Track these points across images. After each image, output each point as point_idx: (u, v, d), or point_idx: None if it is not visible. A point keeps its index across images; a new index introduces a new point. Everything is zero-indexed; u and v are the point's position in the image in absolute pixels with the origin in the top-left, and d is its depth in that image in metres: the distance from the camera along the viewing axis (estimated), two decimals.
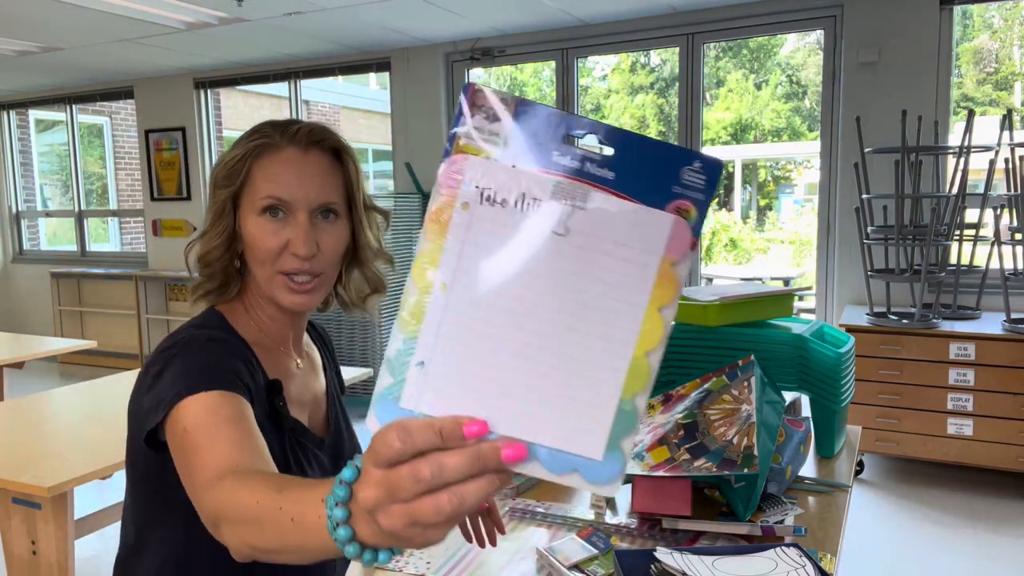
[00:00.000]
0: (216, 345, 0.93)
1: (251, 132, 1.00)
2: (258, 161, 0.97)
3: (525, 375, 0.46)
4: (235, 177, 0.97)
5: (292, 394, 1.04)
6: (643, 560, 1.10)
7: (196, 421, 0.81)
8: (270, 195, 0.95)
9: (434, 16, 4.36)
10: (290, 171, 0.96)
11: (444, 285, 0.47)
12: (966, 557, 2.91)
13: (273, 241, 0.95)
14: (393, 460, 0.45)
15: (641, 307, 0.47)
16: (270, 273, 0.97)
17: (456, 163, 0.47)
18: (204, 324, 0.99)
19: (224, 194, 0.97)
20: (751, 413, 1.31)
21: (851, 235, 4.00)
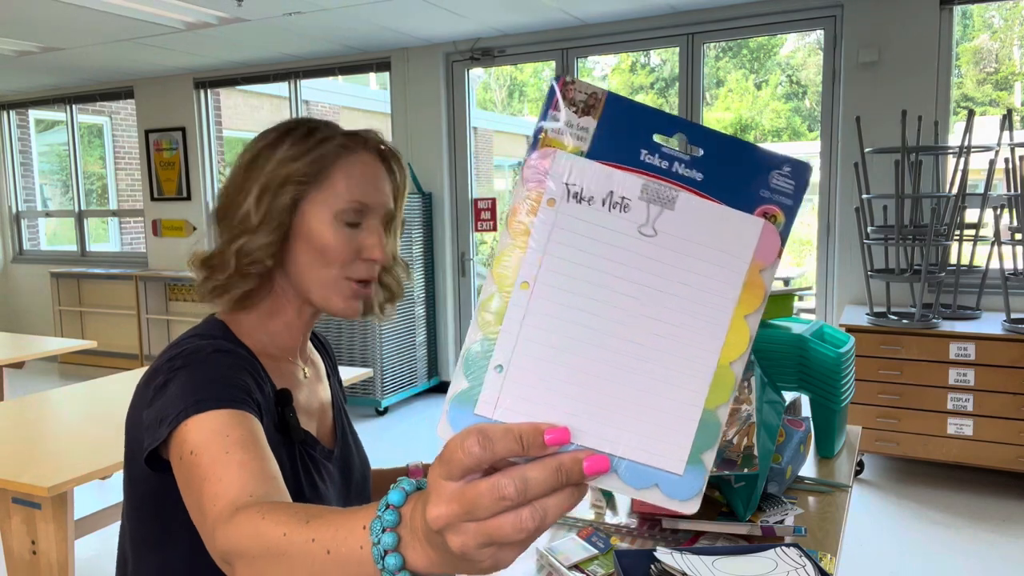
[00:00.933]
0: (223, 357, 0.87)
1: (307, 129, 0.94)
2: (339, 162, 0.93)
3: (606, 383, 0.44)
4: (314, 175, 0.91)
5: (301, 404, 1.00)
6: (643, 560, 1.10)
7: (204, 443, 0.75)
8: (356, 199, 0.92)
9: (434, 16, 4.36)
10: (368, 176, 0.94)
11: (526, 285, 0.44)
12: (966, 557, 2.91)
13: (348, 246, 0.92)
14: (471, 469, 0.41)
15: (727, 313, 0.45)
16: (335, 277, 0.93)
17: (544, 157, 0.45)
18: (208, 334, 0.93)
19: (293, 191, 0.91)
20: (751, 413, 1.31)
21: (851, 235, 4.00)
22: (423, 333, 5.26)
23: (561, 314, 0.44)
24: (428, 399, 5.24)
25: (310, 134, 0.93)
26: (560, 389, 0.44)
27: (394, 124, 5.32)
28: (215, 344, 0.89)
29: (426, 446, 4.34)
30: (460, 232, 5.30)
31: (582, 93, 0.46)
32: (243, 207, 0.91)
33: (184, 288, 6.35)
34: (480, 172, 11.41)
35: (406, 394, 5.11)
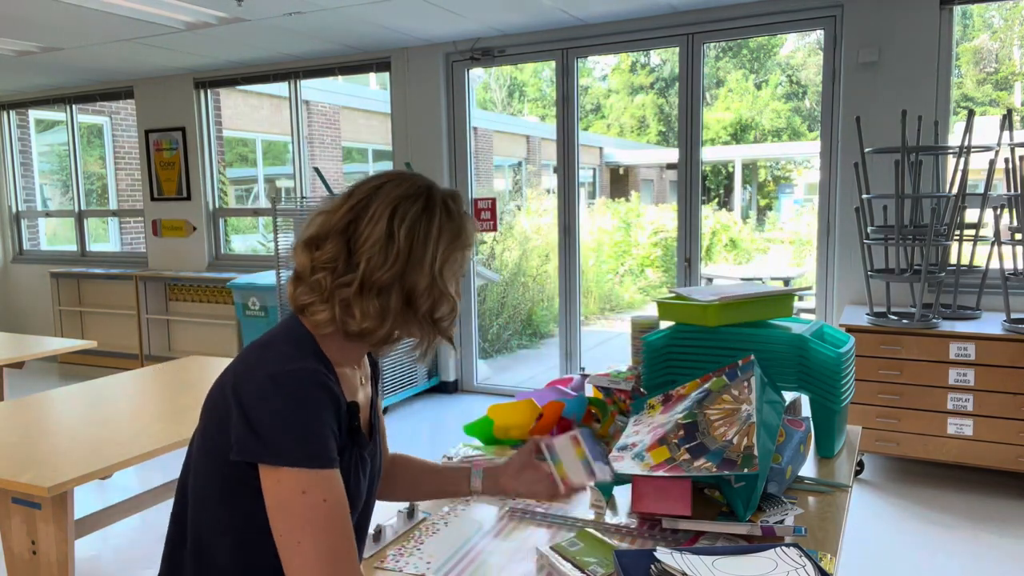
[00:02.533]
0: (321, 394, 0.99)
1: (448, 209, 1.08)
2: (471, 230, 1.12)
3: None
4: (465, 241, 1.10)
5: (359, 406, 1.12)
6: (643, 560, 1.10)
7: (335, 502, 0.97)
8: (466, 264, 1.13)
9: (434, 16, 4.36)
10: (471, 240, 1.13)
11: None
12: (966, 557, 2.91)
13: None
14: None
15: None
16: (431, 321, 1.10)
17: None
18: (299, 345, 1.04)
19: (456, 250, 1.08)
20: (751, 413, 1.31)
21: (851, 235, 4.00)
22: None
23: None
24: (428, 399, 5.24)
25: (448, 210, 1.07)
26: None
27: (394, 124, 5.33)
28: (314, 372, 0.99)
29: (426, 446, 4.34)
30: None
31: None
32: (421, 280, 1.05)
33: (184, 288, 6.36)
34: (480, 172, 11.42)
35: (406, 394, 5.11)
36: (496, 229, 5.44)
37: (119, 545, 3.18)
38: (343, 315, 1.03)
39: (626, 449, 1.36)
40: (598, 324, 9.21)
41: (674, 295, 1.80)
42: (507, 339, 7.79)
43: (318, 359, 1.03)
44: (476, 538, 1.34)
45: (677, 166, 4.67)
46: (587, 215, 11.80)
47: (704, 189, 10.66)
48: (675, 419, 1.36)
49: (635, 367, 1.89)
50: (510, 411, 1.68)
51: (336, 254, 1.02)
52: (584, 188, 14.82)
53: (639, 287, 10.60)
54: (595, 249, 10.59)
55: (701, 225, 4.68)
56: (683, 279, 4.69)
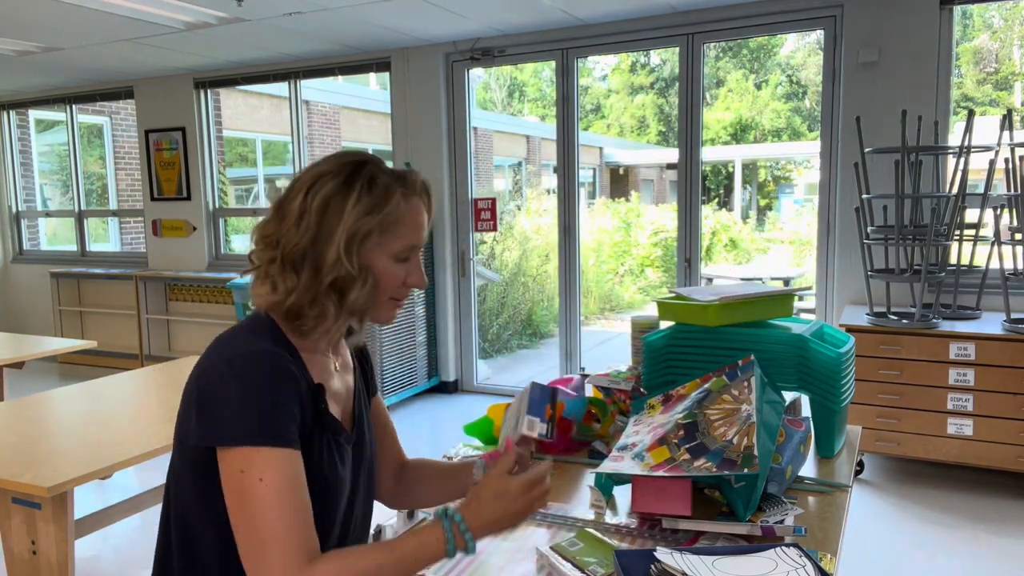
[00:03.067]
0: (277, 373, 0.99)
1: (374, 182, 1.06)
2: (403, 213, 1.08)
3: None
4: (387, 227, 1.06)
5: (331, 391, 1.12)
6: (643, 560, 1.10)
7: (275, 481, 0.94)
8: (412, 244, 1.09)
9: (434, 16, 4.36)
10: (420, 220, 1.11)
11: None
12: (966, 557, 2.91)
13: (399, 278, 1.10)
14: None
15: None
16: (385, 301, 1.11)
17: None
18: (257, 331, 1.05)
19: (375, 242, 1.06)
20: (751, 413, 1.31)
21: (851, 235, 4.00)
22: (423, 333, 5.26)
23: None
24: (428, 399, 5.24)
25: (373, 183, 1.05)
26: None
27: (394, 124, 5.32)
28: (267, 352, 1.00)
29: (426, 446, 4.34)
30: (460, 232, 5.30)
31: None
32: (329, 253, 1.04)
33: (184, 288, 6.36)
34: (480, 172, 11.42)
35: (406, 394, 5.11)
36: (496, 229, 5.44)
37: (119, 545, 3.18)
38: (270, 292, 1.05)
39: (626, 449, 1.36)
40: (598, 324, 9.21)
41: (674, 295, 1.80)
42: (507, 339, 7.79)
43: (276, 342, 1.04)
44: None
45: (677, 166, 4.67)
46: (587, 215, 11.80)
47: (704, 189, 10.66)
48: (675, 419, 1.36)
49: (635, 367, 1.89)
50: None
51: (269, 232, 1.06)
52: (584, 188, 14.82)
53: (639, 287, 10.60)
54: (595, 249, 10.59)
55: (701, 225, 4.68)
56: (683, 279, 4.69)
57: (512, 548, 1.30)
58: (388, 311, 1.13)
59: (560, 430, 1.75)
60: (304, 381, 1.03)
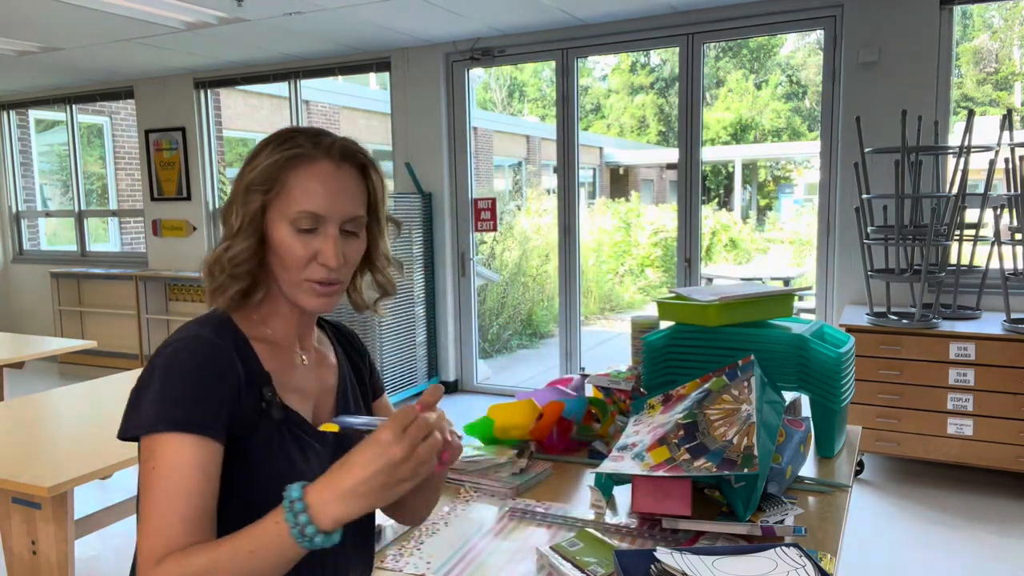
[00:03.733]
0: (202, 358, 0.94)
1: (282, 138, 1.00)
2: (294, 171, 0.98)
3: None
4: (271, 183, 0.98)
5: (292, 385, 1.05)
6: (643, 560, 1.10)
7: (164, 470, 0.88)
8: (306, 210, 0.98)
9: (434, 16, 4.36)
10: (325, 186, 0.99)
11: None
12: (966, 557, 2.91)
13: (303, 251, 0.99)
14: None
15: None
16: (296, 279, 1.00)
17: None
18: (202, 321, 1.01)
19: (258, 199, 0.98)
20: (751, 413, 1.31)
21: (851, 235, 4.00)
22: (423, 333, 5.26)
23: None
24: None
25: (280, 141, 0.99)
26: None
27: (394, 124, 5.32)
28: (200, 338, 0.96)
29: None
30: (460, 232, 5.30)
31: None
32: (231, 213, 1.00)
33: (184, 288, 6.35)
34: (480, 172, 11.41)
35: (406, 394, 5.11)
36: (496, 229, 5.44)
37: (119, 545, 3.18)
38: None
39: (626, 449, 1.36)
40: (598, 324, 9.21)
41: (674, 295, 1.80)
42: (507, 339, 7.79)
43: (220, 331, 0.99)
44: (476, 538, 1.34)
45: (677, 166, 4.67)
46: (587, 215, 11.80)
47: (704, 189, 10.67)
48: (675, 419, 1.36)
49: (635, 367, 1.89)
50: (510, 411, 1.68)
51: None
52: (584, 188, 14.82)
53: (639, 287, 10.60)
54: (595, 249, 10.59)
55: (701, 225, 4.68)
56: (683, 279, 4.69)
57: (512, 548, 1.30)
58: (308, 296, 1.01)
59: (560, 430, 1.75)
60: (246, 370, 0.97)
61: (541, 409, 1.69)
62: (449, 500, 1.50)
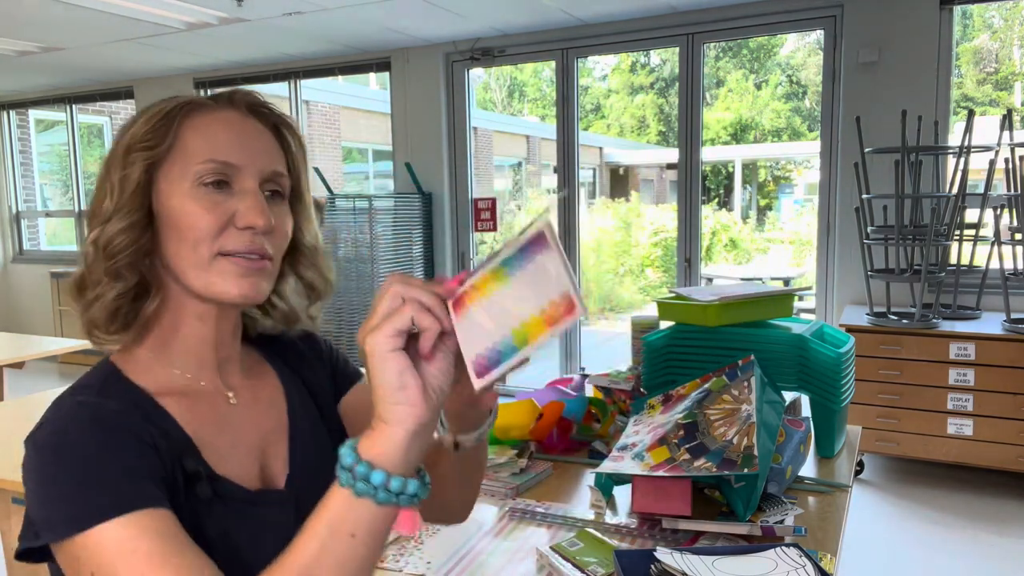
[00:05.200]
0: (101, 432, 0.70)
1: (167, 98, 0.80)
2: (189, 120, 0.77)
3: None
4: (158, 138, 0.75)
5: (225, 439, 0.81)
6: (643, 560, 1.10)
7: (108, 566, 0.64)
8: (213, 158, 0.75)
9: (434, 16, 4.36)
10: (233, 133, 0.78)
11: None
12: (966, 557, 2.91)
13: (212, 216, 0.75)
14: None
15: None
16: (207, 256, 0.75)
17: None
18: (79, 387, 0.77)
19: (141, 159, 0.75)
20: (751, 413, 1.31)
21: (851, 235, 4.00)
22: None
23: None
24: None
25: (169, 99, 0.79)
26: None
27: (394, 124, 5.32)
28: (85, 406, 0.72)
29: None
30: (460, 232, 5.30)
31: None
32: (102, 193, 0.78)
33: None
34: (480, 172, 11.42)
35: None
36: (496, 229, 5.44)
37: None
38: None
39: (626, 449, 1.36)
40: (598, 324, 9.21)
41: (674, 295, 1.80)
42: None
43: (107, 393, 0.75)
44: (476, 538, 1.34)
45: (677, 166, 4.67)
46: (587, 215, 11.80)
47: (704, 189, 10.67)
48: (675, 419, 1.36)
49: (635, 367, 1.89)
50: (510, 411, 1.68)
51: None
52: (584, 188, 14.82)
53: (639, 287, 10.60)
54: (595, 249, 10.60)
55: (701, 225, 4.68)
56: (683, 279, 4.69)
57: (512, 548, 1.30)
58: (227, 279, 0.76)
59: (560, 430, 1.75)
60: (158, 436, 0.73)
61: (541, 409, 1.69)
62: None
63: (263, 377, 0.89)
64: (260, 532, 0.78)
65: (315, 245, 0.88)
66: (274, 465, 0.84)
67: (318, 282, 0.89)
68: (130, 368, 0.79)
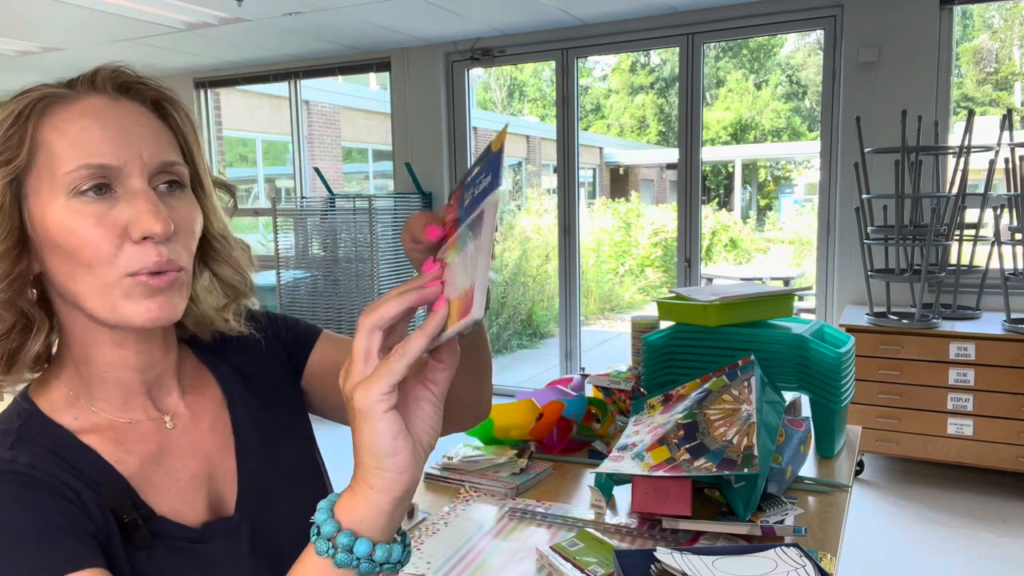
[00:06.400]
0: (21, 498, 0.61)
1: (20, 92, 0.69)
2: (48, 119, 0.66)
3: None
4: (13, 147, 0.64)
5: (164, 473, 0.72)
6: (643, 560, 1.10)
7: None
8: (85, 163, 0.63)
9: (434, 16, 4.36)
10: (103, 126, 0.65)
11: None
12: (966, 557, 2.91)
13: (101, 230, 0.63)
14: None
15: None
16: (107, 280, 0.64)
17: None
18: (1, 435, 0.66)
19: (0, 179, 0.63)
20: (751, 413, 1.31)
21: (851, 235, 4.00)
22: None
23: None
24: None
25: (22, 93, 0.68)
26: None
27: (394, 124, 5.33)
28: (4, 477, 0.62)
29: None
30: None
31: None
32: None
33: None
34: None
35: None
36: (496, 229, 5.43)
37: None
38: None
39: (626, 449, 1.36)
40: (598, 324, 9.21)
41: (674, 295, 1.80)
42: (507, 339, 7.79)
43: (21, 443, 0.65)
44: (476, 538, 1.34)
45: (677, 166, 4.67)
46: (587, 215, 11.81)
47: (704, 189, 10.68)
48: (675, 419, 1.36)
49: (635, 367, 1.89)
50: (510, 411, 1.68)
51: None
52: (584, 188, 14.83)
53: (639, 287, 10.60)
54: (595, 249, 10.60)
55: (701, 225, 4.68)
56: (683, 279, 4.69)
57: (512, 548, 1.30)
58: (136, 303, 0.65)
59: (560, 430, 1.75)
60: (86, 484, 0.65)
61: (541, 409, 1.69)
62: (449, 500, 1.50)
63: (203, 388, 0.79)
64: (208, 568, 0.70)
65: (225, 235, 0.76)
66: (223, 488, 0.75)
67: (234, 278, 0.77)
68: (47, 403, 0.69)
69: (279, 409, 0.83)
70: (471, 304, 0.52)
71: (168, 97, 0.72)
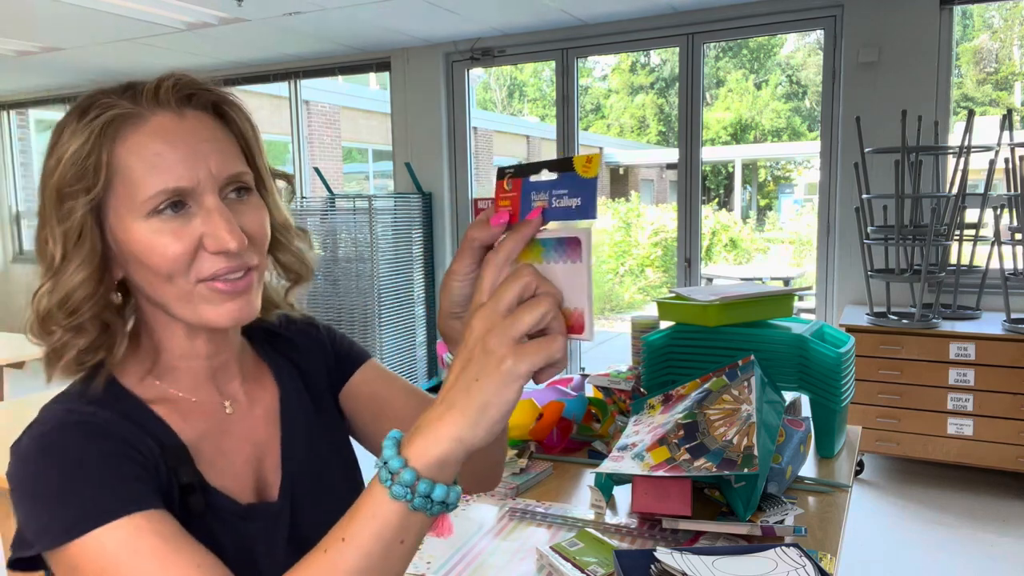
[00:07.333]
0: (95, 439, 0.67)
1: (84, 107, 0.70)
2: (119, 145, 0.69)
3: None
4: (92, 174, 0.68)
5: (221, 452, 0.78)
6: (643, 560, 1.10)
7: (114, 566, 0.61)
8: (161, 189, 0.68)
9: (434, 16, 4.36)
10: (173, 148, 0.69)
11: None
12: (966, 557, 2.91)
13: (181, 246, 0.69)
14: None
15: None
16: (185, 289, 0.70)
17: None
18: (73, 396, 0.73)
19: (80, 204, 0.68)
20: (751, 413, 1.31)
21: (851, 235, 4.00)
22: (423, 333, 5.26)
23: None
24: None
25: (84, 110, 0.70)
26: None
27: (394, 124, 5.33)
28: (75, 413, 0.69)
29: None
30: (460, 232, 5.30)
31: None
32: (45, 239, 0.72)
33: None
34: (480, 172, 11.42)
35: None
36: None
37: None
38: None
39: (626, 449, 1.36)
40: (598, 324, 9.21)
41: (674, 295, 1.80)
42: None
43: (99, 402, 0.71)
44: (476, 538, 1.34)
45: (677, 166, 4.67)
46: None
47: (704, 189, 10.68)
48: (675, 419, 1.36)
49: (635, 367, 1.89)
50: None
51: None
52: None
53: (639, 287, 10.60)
54: (595, 249, 10.60)
55: (701, 225, 4.68)
56: (683, 279, 4.69)
57: (512, 548, 1.30)
58: (213, 306, 0.71)
59: (560, 430, 1.75)
60: (152, 445, 0.71)
61: (541, 409, 1.69)
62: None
63: (260, 379, 0.85)
64: (250, 547, 0.75)
65: (286, 224, 0.82)
66: (269, 474, 0.81)
67: (296, 264, 0.84)
68: (125, 376, 0.76)
69: (325, 408, 0.90)
70: (580, 326, 0.57)
71: (228, 101, 0.76)
